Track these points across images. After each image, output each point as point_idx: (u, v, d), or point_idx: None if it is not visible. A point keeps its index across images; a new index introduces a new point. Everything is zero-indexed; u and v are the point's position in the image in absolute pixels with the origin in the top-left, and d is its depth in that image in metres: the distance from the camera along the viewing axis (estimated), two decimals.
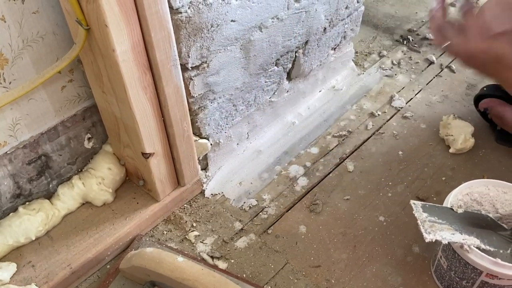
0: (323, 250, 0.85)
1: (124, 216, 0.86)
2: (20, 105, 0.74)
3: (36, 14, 0.69)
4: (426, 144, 1.05)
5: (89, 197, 0.86)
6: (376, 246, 0.85)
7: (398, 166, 1.00)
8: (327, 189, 0.96)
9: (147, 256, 0.69)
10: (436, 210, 0.72)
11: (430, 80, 1.22)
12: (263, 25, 0.88)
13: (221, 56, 0.83)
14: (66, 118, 0.82)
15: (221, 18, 0.78)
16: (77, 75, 0.79)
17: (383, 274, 0.81)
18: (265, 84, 0.99)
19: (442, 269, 0.75)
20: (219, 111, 0.91)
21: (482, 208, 0.76)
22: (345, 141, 1.06)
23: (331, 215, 0.91)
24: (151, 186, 0.87)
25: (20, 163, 0.79)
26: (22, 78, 0.72)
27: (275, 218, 0.91)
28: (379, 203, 0.92)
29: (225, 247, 0.86)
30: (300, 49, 1.02)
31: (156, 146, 0.81)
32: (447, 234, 0.67)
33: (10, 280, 0.76)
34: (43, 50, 0.73)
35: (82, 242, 0.82)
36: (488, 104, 1.01)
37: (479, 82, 1.20)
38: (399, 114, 1.13)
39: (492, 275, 0.67)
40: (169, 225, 0.90)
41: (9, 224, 0.78)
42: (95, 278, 0.82)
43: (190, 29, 0.74)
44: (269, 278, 0.81)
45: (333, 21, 1.07)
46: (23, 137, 0.77)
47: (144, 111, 0.75)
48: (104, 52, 0.68)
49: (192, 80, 0.81)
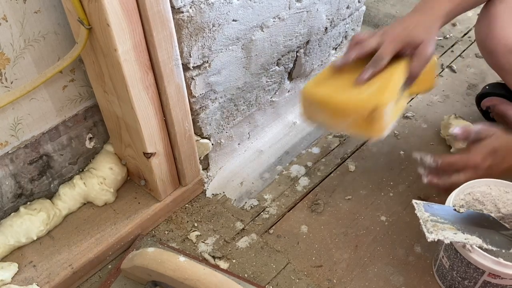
0: (325, 250, 0.84)
1: (125, 216, 0.86)
2: (21, 105, 0.74)
3: (37, 13, 0.69)
4: (428, 144, 1.05)
5: (91, 197, 0.86)
6: (377, 246, 0.85)
7: (399, 166, 1.00)
8: (329, 189, 0.96)
9: (148, 256, 0.69)
10: (438, 209, 0.71)
11: None
12: (265, 25, 0.88)
13: (222, 56, 0.83)
14: (68, 118, 0.82)
15: (223, 17, 0.78)
16: (78, 74, 0.79)
17: (385, 274, 0.81)
18: (266, 84, 0.99)
19: (444, 268, 0.75)
20: (221, 111, 0.91)
21: (484, 207, 0.76)
22: (346, 141, 1.06)
23: (332, 215, 0.91)
24: (152, 186, 0.87)
25: (21, 163, 0.79)
26: (23, 77, 0.72)
27: (276, 218, 0.91)
28: (380, 203, 0.92)
29: (226, 247, 0.85)
30: (302, 48, 1.02)
31: (157, 146, 0.81)
32: (449, 233, 0.67)
33: (12, 280, 0.76)
34: (45, 49, 0.73)
35: (83, 242, 0.82)
36: (491, 102, 1.01)
37: (480, 82, 1.20)
38: (400, 114, 1.13)
39: (494, 274, 0.67)
40: (171, 225, 0.90)
41: (10, 224, 0.78)
42: (96, 278, 0.82)
43: (192, 29, 0.74)
44: (271, 278, 0.80)
45: (334, 21, 1.07)
46: (24, 136, 0.77)
47: (145, 110, 0.75)
48: (106, 52, 0.68)
49: (194, 79, 0.81)
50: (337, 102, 0.74)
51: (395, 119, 0.78)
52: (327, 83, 0.77)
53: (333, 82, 0.77)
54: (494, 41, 0.89)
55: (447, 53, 1.31)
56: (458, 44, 1.34)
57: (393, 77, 0.74)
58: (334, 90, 0.75)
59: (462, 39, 1.35)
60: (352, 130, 0.76)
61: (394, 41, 0.75)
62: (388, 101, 0.71)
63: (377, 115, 0.71)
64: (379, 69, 0.75)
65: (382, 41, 0.76)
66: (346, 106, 0.73)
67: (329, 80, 0.78)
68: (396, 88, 0.74)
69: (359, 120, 0.73)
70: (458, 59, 1.29)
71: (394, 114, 0.76)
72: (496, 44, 0.88)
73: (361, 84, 0.74)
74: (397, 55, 0.76)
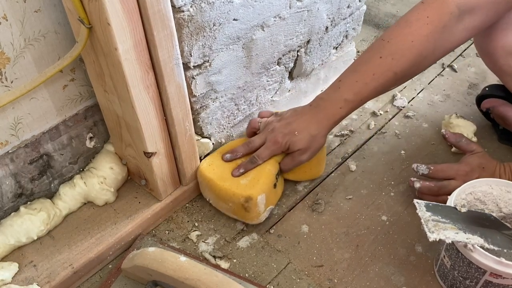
0: (326, 250, 0.84)
1: (126, 215, 0.85)
2: (21, 104, 0.74)
3: (38, 12, 0.69)
4: (429, 143, 1.04)
5: (91, 196, 0.86)
6: (378, 245, 0.85)
7: (400, 166, 0.99)
8: (329, 188, 0.95)
9: (149, 256, 0.69)
10: (439, 209, 0.71)
11: (432, 80, 1.22)
12: (265, 24, 0.88)
13: (223, 55, 0.83)
14: (68, 117, 0.81)
15: (223, 16, 0.78)
16: (79, 74, 0.79)
17: (386, 273, 0.80)
18: (267, 83, 0.98)
19: (445, 268, 0.75)
20: (221, 110, 0.91)
21: (485, 207, 0.76)
22: (347, 141, 1.06)
23: (333, 214, 0.90)
24: (153, 185, 0.87)
25: (21, 162, 0.79)
26: (23, 77, 0.72)
27: (277, 217, 0.90)
28: (381, 203, 0.92)
29: (227, 246, 0.85)
30: (302, 48, 1.02)
31: (158, 145, 0.80)
32: (450, 233, 0.67)
33: (12, 280, 0.76)
34: (45, 49, 0.72)
35: (84, 241, 0.81)
36: (491, 104, 1.01)
37: (481, 81, 1.20)
38: (401, 114, 1.12)
39: (496, 274, 0.67)
40: (171, 224, 0.89)
41: (10, 224, 0.78)
42: (97, 278, 0.82)
43: (193, 28, 0.74)
44: (272, 278, 0.80)
45: (335, 20, 1.07)
46: (24, 136, 0.77)
47: (146, 110, 0.74)
48: (106, 51, 0.67)
49: (194, 79, 0.80)
50: (220, 188, 0.84)
51: (275, 203, 0.89)
52: (219, 165, 0.87)
53: (223, 166, 0.87)
54: (493, 44, 0.88)
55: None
56: None
57: (265, 171, 0.84)
58: (220, 176, 0.85)
59: None
60: (233, 214, 0.86)
61: (274, 146, 0.85)
62: (258, 193, 0.81)
63: (251, 205, 0.82)
64: (252, 167, 0.85)
65: (266, 141, 0.86)
66: (225, 193, 0.83)
67: (221, 163, 0.88)
68: (269, 180, 0.84)
69: (237, 206, 0.83)
70: (459, 58, 1.29)
71: (273, 199, 0.87)
72: (494, 46, 0.88)
73: (236, 177, 0.85)
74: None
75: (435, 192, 0.85)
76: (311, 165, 0.91)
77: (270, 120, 0.89)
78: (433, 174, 0.87)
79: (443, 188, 0.84)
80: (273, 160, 0.86)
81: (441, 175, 0.86)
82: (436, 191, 0.85)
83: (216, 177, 0.85)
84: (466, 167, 0.85)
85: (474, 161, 0.86)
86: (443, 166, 0.87)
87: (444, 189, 0.84)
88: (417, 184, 0.86)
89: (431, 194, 0.86)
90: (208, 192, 0.88)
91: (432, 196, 0.86)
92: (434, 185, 0.85)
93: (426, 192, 0.86)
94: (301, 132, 0.84)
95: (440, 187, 0.85)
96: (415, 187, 0.87)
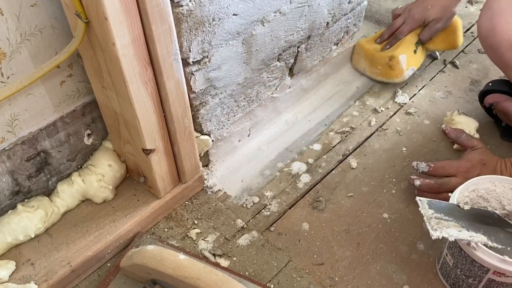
0: (327, 248, 0.84)
1: (124, 213, 0.85)
2: (18, 101, 0.73)
3: (34, 7, 0.68)
4: (430, 140, 1.04)
5: (89, 194, 0.85)
6: (380, 243, 0.84)
7: (401, 163, 0.99)
8: (330, 186, 0.95)
9: (148, 254, 0.68)
10: (442, 207, 0.70)
11: (433, 76, 1.21)
12: (265, 19, 0.87)
13: (222, 51, 0.82)
14: (66, 114, 0.80)
15: (223, 11, 0.77)
16: (76, 69, 0.78)
17: (388, 271, 0.80)
18: (267, 79, 0.97)
19: (448, 266, 0.74)
20: (221, 107, 0.90)
21: (488, 204, 0.75)
22: (348, 138, 1.05)
23: (334, 212, 0.89)
24: (152, 183, 0.86)
25: (18, 159, 0.78)
26: (20, 72, 0.71)
27: (277, 215, 0.90)
28: (382, 200, 0.91)
29: (227, 244, 0.84)
30: (303, 44, 1.01)
31: (157, 142, 0.79)
32: (453, 231, 0.66)
33: (9, 279, 0.75)
34: (42, 44, 0.71)
35: (82, 239, 0.81)
36: (494, 99, 1.00)
37: (483, 77, 1.19)
38: (403, 110, 1.12)
39: (499, 272, 0.66)
40: (170, 222, 0.89)
41: (7, 222, 0.77)
42: (95, 276, 0.81)
43: (192, 23, 0.73)
44: (272, 276, 0.79)
45: (336, 16, 1.06)
46: (21, 133, 0.76)
47: (144, 106, 0.73)
48: (104, 46, 0.66)
49: (194, 75, 0.79)
50: (372, 54, 1.15)
51: (417, 66, 1.15)
52: (372, 43, 1.18)
53: (375, 45, 1.17)
54: (497, 37, 0.88)
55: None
56: None
57: (405, 39, 1.12)
58: (374, 48, 1.16)
59: (465, 34, 1.33)
60: (382, 76, 1.15)
61: (412, 22, 1.11)
62: (400, 53, 1.10)
63: (394, 62, 1.10)
64: (396, 42, 1.13)
65: (405, 20, 1.13)
66: (377, 57, 1.14)
67: (373, 43, 1.18)
68: (408, 45, 1.11)
69: (384, 67, 1.12)
70: (461, 54, 1.28)
71: (414, 62, 1.13)
72: (499, 40, 0.88)
73: (381, 43, 1.16)
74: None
75: (435, 189, 0.85)
76: (447, 33, 1.13)
77: (407, 5, 1.14)
78: (433, 172, 0.87)
79: (444, 185, 0.84)
80: (413, 33, 1.12)
81: (441, 172, 0.86)
82: (437, 188, 0.84)
83: (372, 48, 1.15)
84: (467, 163, 0.85)
85: (475, 157, 0.86)
86: (443, 163, 0.87)
87: (444, 186, 0.84)
88: (417, 182, 0.86)
89: (431, 191, 0.86)
90: (363, 61, 1.17)
91: (432, 193, 0.85)
92: (434, 183, 0.85)
93: (427, 190, 0.86)
94: (433, 6, 1.08)
95: (440, 185, 0.84)
96: (415, 185, 0.86)
